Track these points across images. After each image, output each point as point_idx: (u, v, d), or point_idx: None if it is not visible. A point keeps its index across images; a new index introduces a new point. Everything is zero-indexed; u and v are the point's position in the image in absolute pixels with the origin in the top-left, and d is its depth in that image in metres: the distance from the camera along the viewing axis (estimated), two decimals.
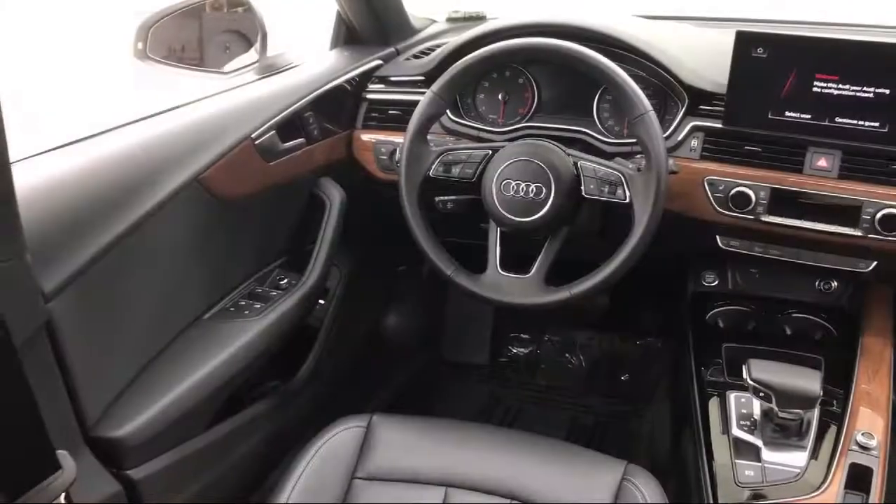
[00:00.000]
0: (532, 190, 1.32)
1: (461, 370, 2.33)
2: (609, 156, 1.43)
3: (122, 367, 1.19)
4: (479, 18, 1.92)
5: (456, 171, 1.38)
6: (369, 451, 1.28)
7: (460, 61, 1.36)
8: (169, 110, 1.35)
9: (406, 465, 1.27)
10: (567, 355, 2.37)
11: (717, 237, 1.48)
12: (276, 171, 1.43)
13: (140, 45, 1.56)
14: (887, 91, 1.28)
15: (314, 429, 1.33)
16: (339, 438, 1.29)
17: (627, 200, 1.29)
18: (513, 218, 1.34)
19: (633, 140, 1.40)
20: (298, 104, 1.49)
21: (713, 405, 1.33)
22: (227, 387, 1.30)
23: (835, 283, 1.56)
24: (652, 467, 1.25)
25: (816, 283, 1.57)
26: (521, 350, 2.40)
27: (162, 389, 1.20)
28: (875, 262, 1.40)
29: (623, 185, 1.29)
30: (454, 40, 1.57)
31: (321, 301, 1.64)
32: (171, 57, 1.63)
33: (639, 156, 1.35)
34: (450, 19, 1.96)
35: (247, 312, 1.38)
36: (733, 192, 1.38)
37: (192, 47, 1.66)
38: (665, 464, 1.60)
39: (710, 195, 1.40)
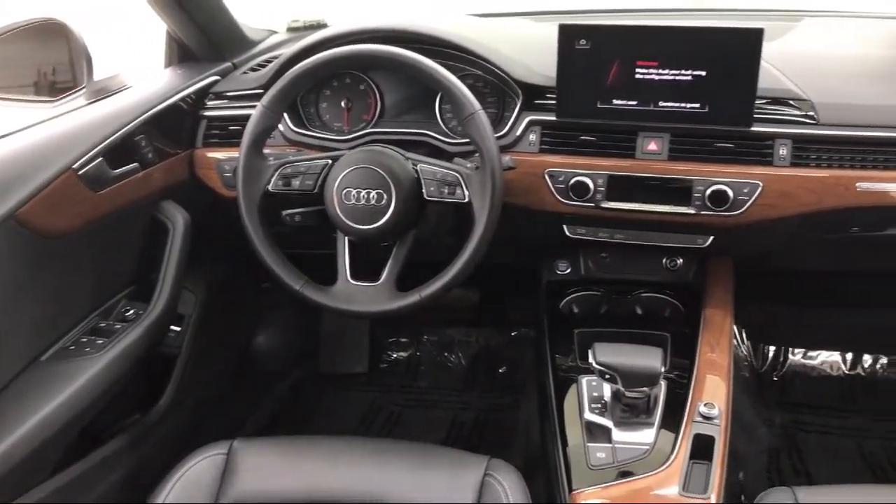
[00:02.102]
0: (373, 197, 1.31)
1: (341, 381, 2.31)
2: (450, 156, 1.44)
3: None
4: (320, 26, 1.90)
5: (296, 183, 1.36)
6: (231, 478, 1.24)
7: (286, 73, 1.34)
8: None
9: (271, 487, 1.24)
10: (446, 354, 2.38)
11: (564, 227, 1.52)
12: (106, 199, 1.37)
13: None
14: (704, 73, 1.33)
15: (178, 461, 1.28)
16: (198, 468, 1.25)
17: (467, 199, 1.30)
18: (356, 226, 1.33)
19: None
20: (128, 127, 1.42)
21: (568, 391, 1.36)
22: (69, 428, 1.24)
23: (680, 261, 1.61)
24: (526, 458, 1.26)
25: (663, 261, 1.61)
26: (401, 354, 2.41)
27: None
28: (712, 237, 1.46)
29: (461, 184, 1.31)
30: (287, 51, 1.55)
31: (175, 328, 1.59)
32: (42, 82, 1.53)
33: (476, 154, 1.37)
34: (290, 29, 1.93)
35: (87, 349, 1.32)
36: (572, 181, 1.41)
37: (64, 69, 1.55)
38: (536, 454, 1.63)
39: (551, 187, 1.43)
